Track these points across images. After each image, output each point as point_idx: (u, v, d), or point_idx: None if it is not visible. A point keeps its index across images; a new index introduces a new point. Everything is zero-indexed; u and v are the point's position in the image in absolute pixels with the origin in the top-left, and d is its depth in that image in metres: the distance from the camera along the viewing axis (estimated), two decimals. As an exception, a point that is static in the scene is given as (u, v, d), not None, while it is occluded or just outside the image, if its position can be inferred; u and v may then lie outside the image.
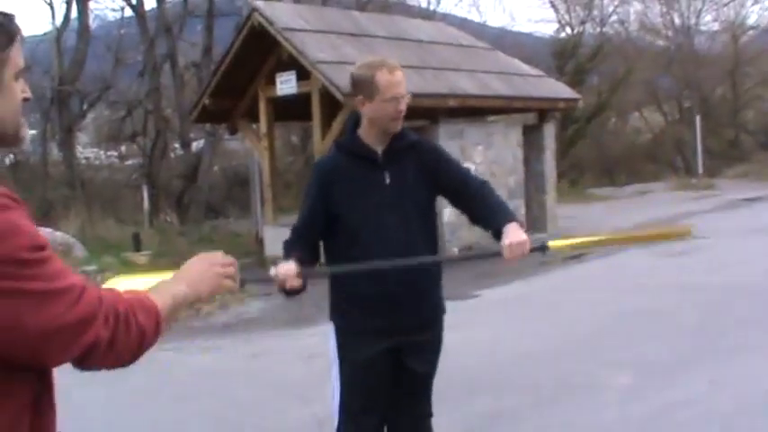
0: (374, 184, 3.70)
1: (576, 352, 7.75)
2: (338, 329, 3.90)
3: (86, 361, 1.80)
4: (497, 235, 3.67)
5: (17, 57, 1.87)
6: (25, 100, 1.91)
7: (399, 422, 3.95)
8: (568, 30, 36.74)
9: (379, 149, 3.76)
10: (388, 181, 3.74)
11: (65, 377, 1.97)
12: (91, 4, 27.45)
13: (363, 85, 3.70)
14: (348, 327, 3.85)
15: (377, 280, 3.69)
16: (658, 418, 5.77)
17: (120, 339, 1.82)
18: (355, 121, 3.84)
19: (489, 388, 6.76)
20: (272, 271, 3.52)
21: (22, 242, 1.70)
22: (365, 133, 3.76)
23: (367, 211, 3.67)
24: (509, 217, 3.72)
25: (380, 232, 3.69)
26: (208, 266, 2.21)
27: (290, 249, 3.75)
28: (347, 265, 3.70)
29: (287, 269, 3.49)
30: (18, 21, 1.88)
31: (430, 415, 4.05)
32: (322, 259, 3.94)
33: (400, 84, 3.69)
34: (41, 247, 1.74)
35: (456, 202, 3.96)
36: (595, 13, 36.83)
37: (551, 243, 3.75)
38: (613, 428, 5.67)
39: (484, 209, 3.80)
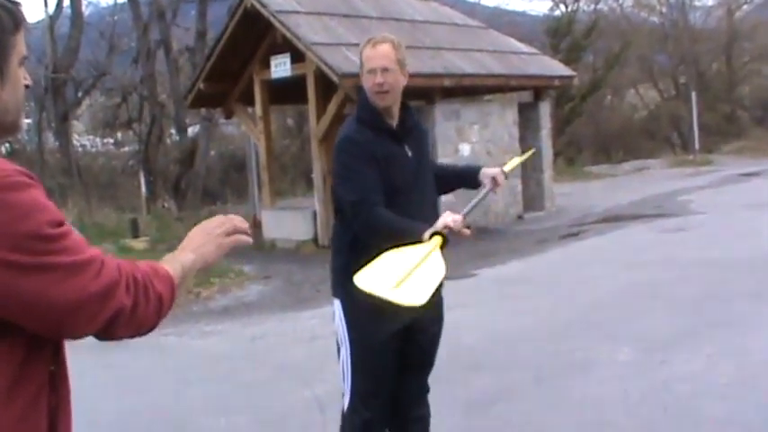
0: (401, 157, 3.71)
1: (575, 328, 7.77)
2: (348, 307, 3.81)
3: (110, 330, 1.84)
4: (473, 180, 4.06)
5: (22, 43, 1.89)
6: (26, 87, 1.93)
7: (400, 396, 3.97)
8: (562, 7, 36.70)
9: (393, 124, 3.77)
10: (410, 154, 3.76)
11: (70, 361, 1.98)
12: (83, -9, 27.36)
13: (359, 61, 3.78)
14: (364, 304, 3.74)
15: None
16: (658, 393, 5.80)
17: (140, 306, 1.86)
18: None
19: (489, 366, 6.78)
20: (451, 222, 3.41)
21: (45, 218, 1.75)
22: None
23: (397, 184, 3.66)
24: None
25: (405, 207, 3.65)
26: (207, 233, 2.21)
27: (395, 218, 3.58)
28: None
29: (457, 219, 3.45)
30: (23, 8, 1.90)
31: (428, 390, 4.09)
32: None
33: (378, 57, 3.70)
34: (61, 222, 1.79)
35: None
36: (590, -11, 36.75)
37: (505, 169, 4.15)
38: (614, 403, 5.70)
39: (451, 169, 4.21)
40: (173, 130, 28.64)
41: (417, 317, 3.83)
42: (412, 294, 3.14)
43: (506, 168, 4.13)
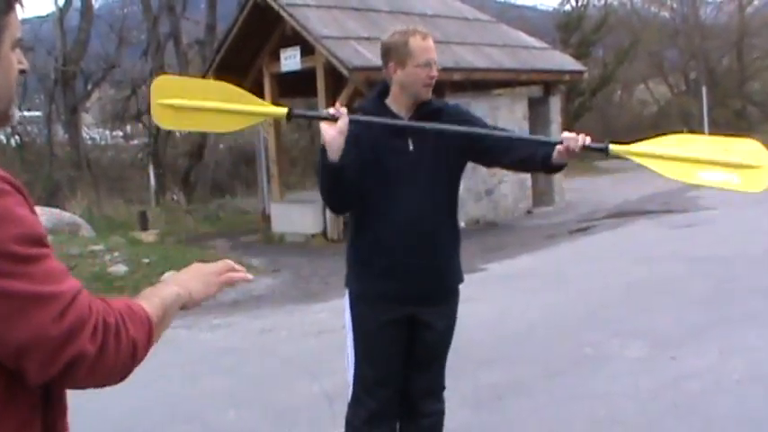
0: (397, 150, 3.69)
1: (585, 323, 7.75)
2: (353, 295, 3.89)
3: (67, 378, 1.56)
4: (540, 163, 3.64)
5: (15, 25, 1.67)
6: (22, 72, 1.72)
7: (412, 394, 3.95)
8: (573, 2, 36.55)
9: (405, 117, 3.75)
10: (411, 148, 3.73)
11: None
12: (93, -17, 27.36)
13: (395, 52, 3.71)
14: (363, 292, 3.85)
15: (389, 250, 3.71)
16: (669, 389, 5.77)
17: (109, 354, 1.60)
18: (380, 91, 3.83)
19: (499, 361, 6.76)
20: (329, 110, 3.56)
21: (12, 232, 1.48)
22: (393, 101, 3.76)
23: (386, 176, 3.67)
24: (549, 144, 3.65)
25: (397, 198, 3.69)
26: (200, 271, 2.03)
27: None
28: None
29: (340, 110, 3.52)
30: None
31: (443, 387, 4.05)
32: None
33: (432, 49, 3.72)
34: (37, 242, 1.53)
35: (490, 158, 3.94)
36: (600, -16, 36.67)
37: (613, 147, 3.50)
38: (624, 399, 5.67)
39: (528, 146, 3.79)
40: (182, 123, 28.60)
41: (422, 310, 3.82)
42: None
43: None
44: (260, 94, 16.40)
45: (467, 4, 20.24)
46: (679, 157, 3.43)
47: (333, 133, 3.46)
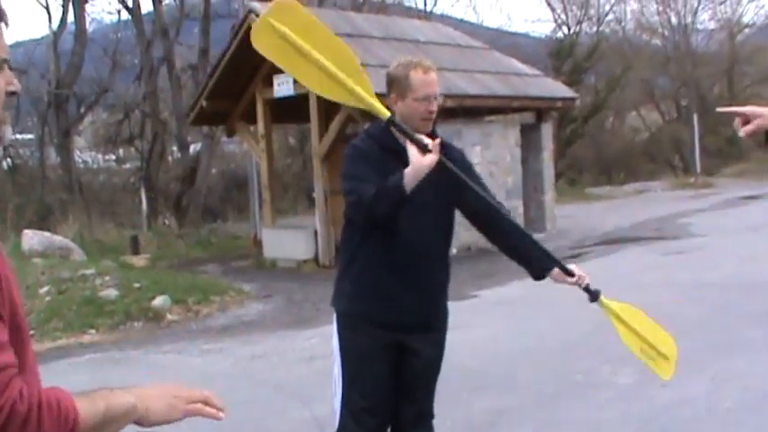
0: None
1: (576, 350, 7.74)
2: (341, 316, 3.88)
3: None
4: (538, 269, 4.03)
5: (1, 44, 1.60)
6: (11, 93, 1.64)
7: (401, 422, 3.93)
8: (565, 29, 36.79)
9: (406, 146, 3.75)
10: None
11: (66, 378, 1.93)
12: (87, 8, 27.44)
13: (397, 84, 3.72)
14: (353, 312, 3.84)
15: (386, 275, 3.72)
16: (660, 416, 5.76)
17: None
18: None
19: (490, 387, 6.75)
20: (426, 139, 3.49)
21: None
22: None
23: None
24: (553, 260, 4.00)
25: (397, 224, 3.67)
26: (169, 392, 1.84)
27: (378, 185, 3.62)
28: None
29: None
30: (3, 4, 1.63)
31: (432, 415, 4.03)
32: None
33: (433, 83, 3.71)
34: None
35: (476, 221, 3.98)
36: (592, 12, 36.92)
37: (603, 298, 4.20)
38: (615, 426, 5.66)
39: (523, 243, 3.97)
40: (174, 148, 28.62)
41: (411, 336, 3.81)
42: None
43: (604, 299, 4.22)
44: (253, 119, 16.49)
45: (459, 31, 20.35)
46: (635, 331, 4.16)
47: (425, 162, 3.41)
